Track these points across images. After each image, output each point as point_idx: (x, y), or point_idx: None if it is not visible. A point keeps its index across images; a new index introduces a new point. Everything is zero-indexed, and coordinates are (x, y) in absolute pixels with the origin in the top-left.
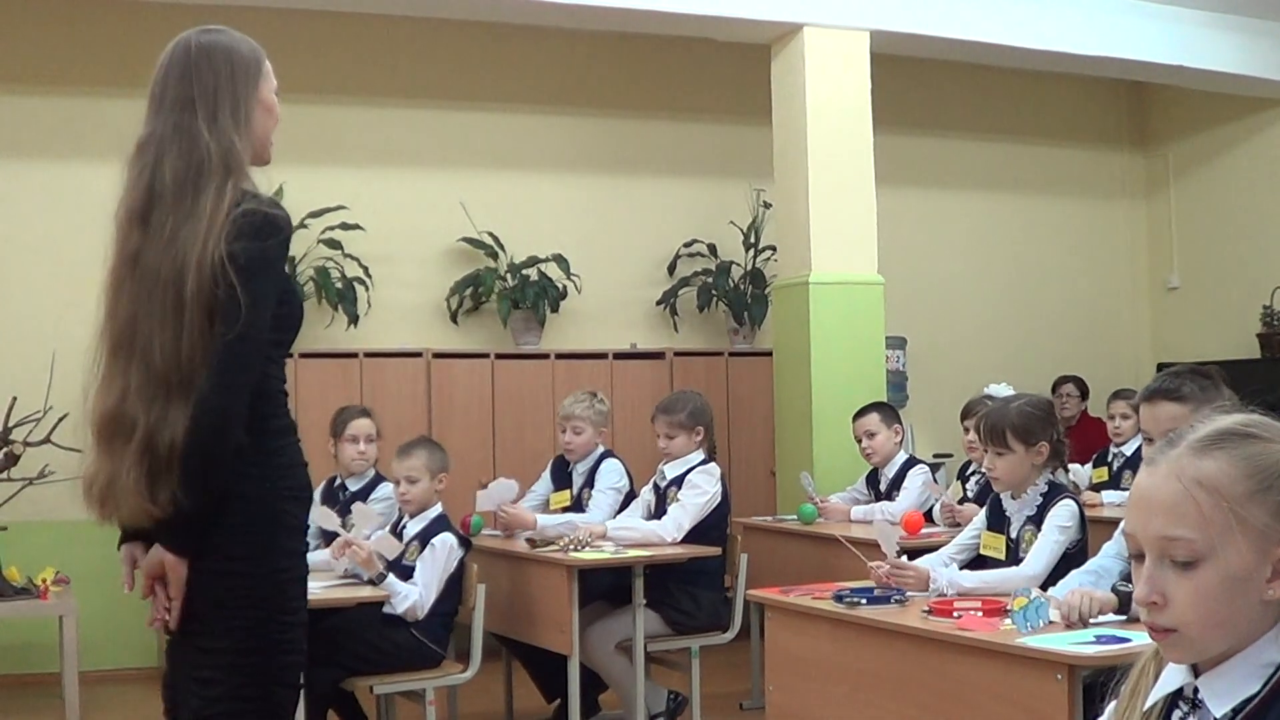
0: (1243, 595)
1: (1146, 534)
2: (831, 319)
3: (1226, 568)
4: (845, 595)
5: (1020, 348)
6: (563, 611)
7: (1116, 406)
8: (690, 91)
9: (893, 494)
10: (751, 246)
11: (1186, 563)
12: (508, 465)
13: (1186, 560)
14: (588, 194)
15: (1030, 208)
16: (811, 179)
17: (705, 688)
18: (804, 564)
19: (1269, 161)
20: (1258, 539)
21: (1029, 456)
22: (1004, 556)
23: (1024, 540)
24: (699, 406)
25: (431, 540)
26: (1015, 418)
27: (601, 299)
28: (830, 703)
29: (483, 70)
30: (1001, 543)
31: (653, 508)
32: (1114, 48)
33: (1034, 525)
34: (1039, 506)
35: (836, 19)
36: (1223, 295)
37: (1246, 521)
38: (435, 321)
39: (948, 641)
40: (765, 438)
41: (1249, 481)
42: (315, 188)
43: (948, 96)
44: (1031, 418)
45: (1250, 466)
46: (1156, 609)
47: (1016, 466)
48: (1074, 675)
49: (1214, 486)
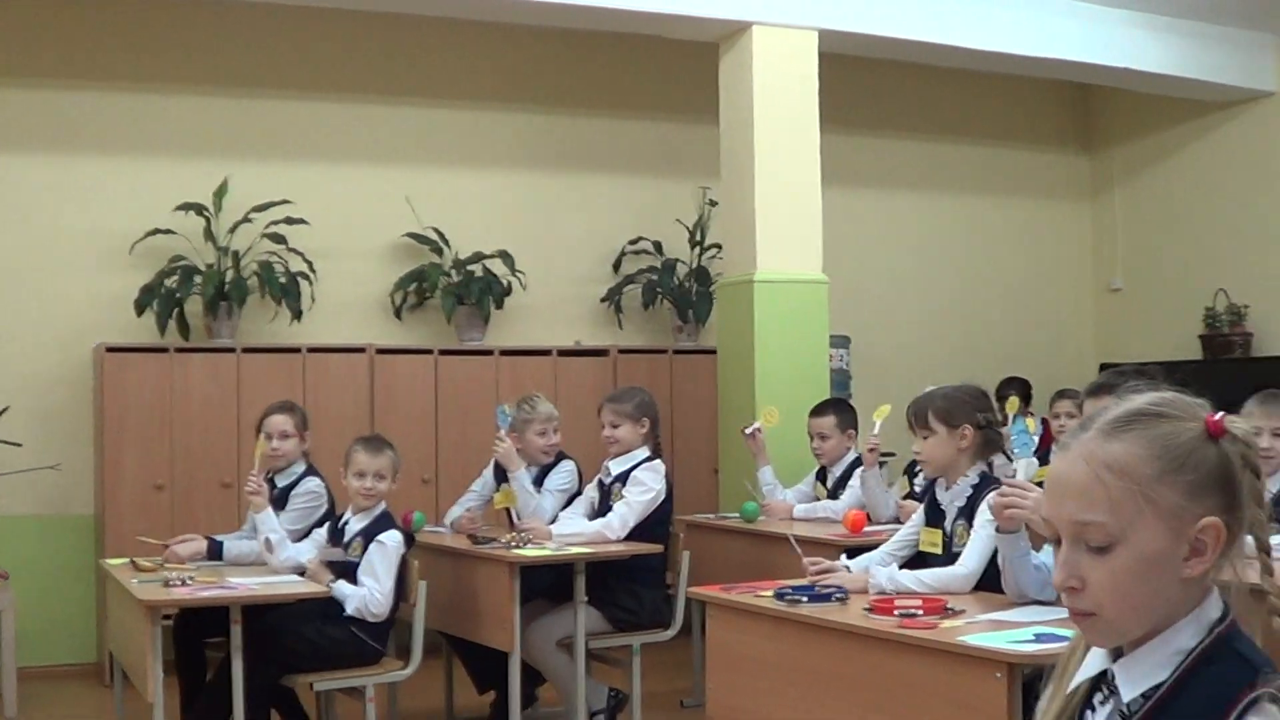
0: (1160, 576)
1: (1061, 518)
2: (776, 317)
3: (1140, 549)
4: (786, 593)
5: (964, 347)
6: (504, 608)
7: (1060, 406)
8: (637, 89)
9: (838, 492)
10: (697, 244)
11: (1101, 546)
12: (450, 461)
13: (1101, 544)
14: (533, 191)
15: (975, 208)
16: (757, 177)
17: (646, 685)
18: (746, 562)
19: (1212, 164)
20: (1171, 519)
21: (953, 439)
22: (941, 551)
23: (957, 534)
24: (646, 400)
25: (379, 537)
26: (939, 400)
27: (546, 296)
28: (771, 701)
29: (429, 66)
30: (939, 537)
31: (596, 505)
32: (1061, 50)
33: (966, 519)
34: (969, 498)
35: (784, 18)
36: (1166, 297)
37: (1157, 503)
38: (379, 317)
39: (888, 640)
40: (708, 436)
41: (1158, 462)
42: (260, 182)
43: (895, 96)
44: (955, 401)
45: (1159, 447)
46: (1075, 593)
47: (940, 448)
48: (1013, 673)
49: (1122, 469)
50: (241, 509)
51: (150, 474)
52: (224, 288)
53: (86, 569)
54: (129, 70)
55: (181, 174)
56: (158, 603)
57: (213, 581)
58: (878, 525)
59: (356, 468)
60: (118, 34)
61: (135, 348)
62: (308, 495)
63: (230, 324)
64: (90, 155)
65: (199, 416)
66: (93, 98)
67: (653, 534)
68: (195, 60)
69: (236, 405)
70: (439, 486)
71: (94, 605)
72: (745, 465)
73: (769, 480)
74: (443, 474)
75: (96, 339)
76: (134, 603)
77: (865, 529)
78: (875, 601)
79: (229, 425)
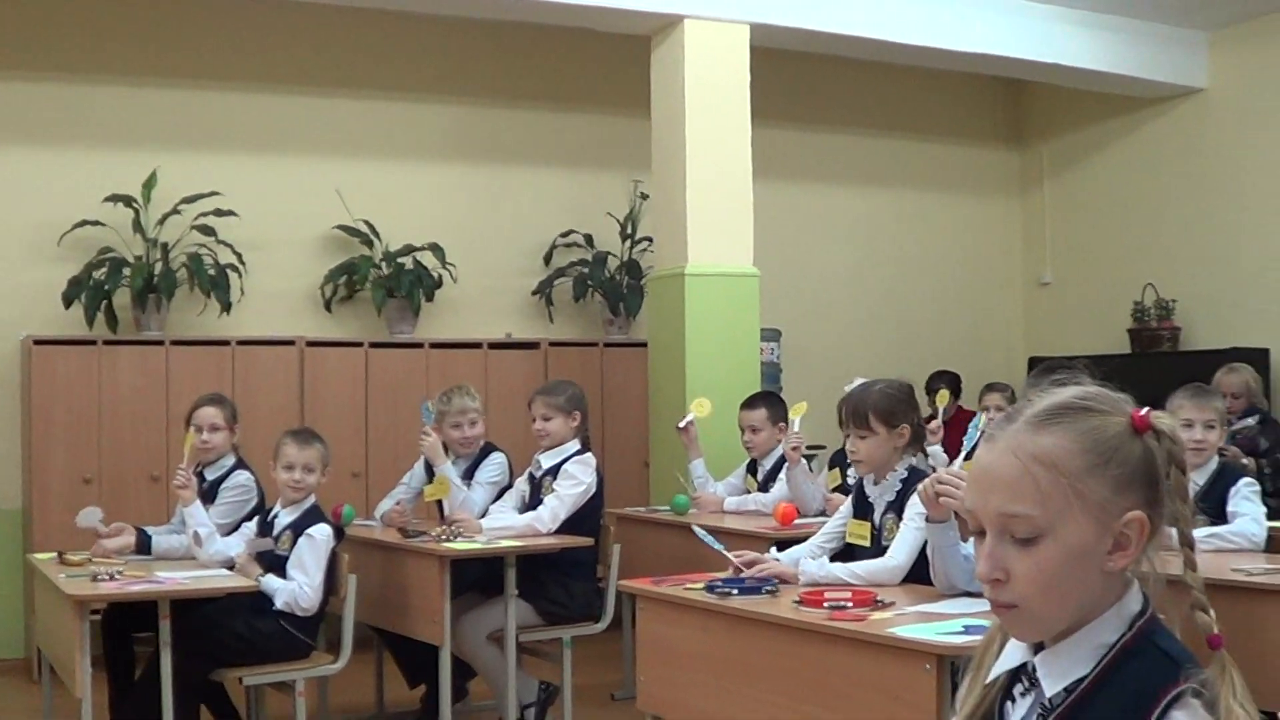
0: (1084, 569)
1: (987, 511)
2: (707, 311)
3: (1067, 543)
4: (717, 586)
5: (895, 341)
6: (434, 602)
7: (990, 399)
8: (569, 82)
9: (769, 485)
10: (628, 237)
11: (1027, 539)
12: (380, 454)
13: (1027, 536)
14: (464, 183)
15: (907, 203)
16: (689, 171)
17: (577, 678)
18: (676, 555)
19: (1142, 160)
20: (1097, 513)
21: (891, 439)
22: (869, 544)
23: (886, 528)
24: (577, 393)
25: (308, 531)
26: (878, 400)
27: (477, 288)
28: (701, 693)
29: (360, 57)
30: (867, 530)
31: (527, 498)
32: (992, 45)
33: (895, 512)
34: (899, 492)
35: (717, 11)
36: (1094, 291)
37: (1085, 496)
38: (309, 309)
39: (818, 632)
40: (639, 429)
41: (1087, 456)
42: (189, 173)
43: (826, 91)
44: (894, 400)
45: (1088, 441)
46: (999, 585)
47: (878, 448)
48: (942, 665)
49: (1052, 462)
50: (170, 502)
51: (78, 467)
52: (153, 280)
53: (14, 563)
54: (57, 60)
55: (110, 165)
56: (86, 597)
57: (141, 576)
58: (808, 518)
59: (285, 460)
60: (45, 24)
61: (63, 340)
62: (237, 489)
63: (159, 316)
64: (17, 146)
65: (127, 409)
66: (20, 88)
67: (583, 527)
68: (124, 51)
69: (165, 398)
70: (369, 480)
71: (21, 600)
72: (676, 458)
73: (700, 473)
74: (373, 467)
75: (24, 331)
76: (62, 597)
77: (795, 521)
78: (805, 594)
79: (158, 418)
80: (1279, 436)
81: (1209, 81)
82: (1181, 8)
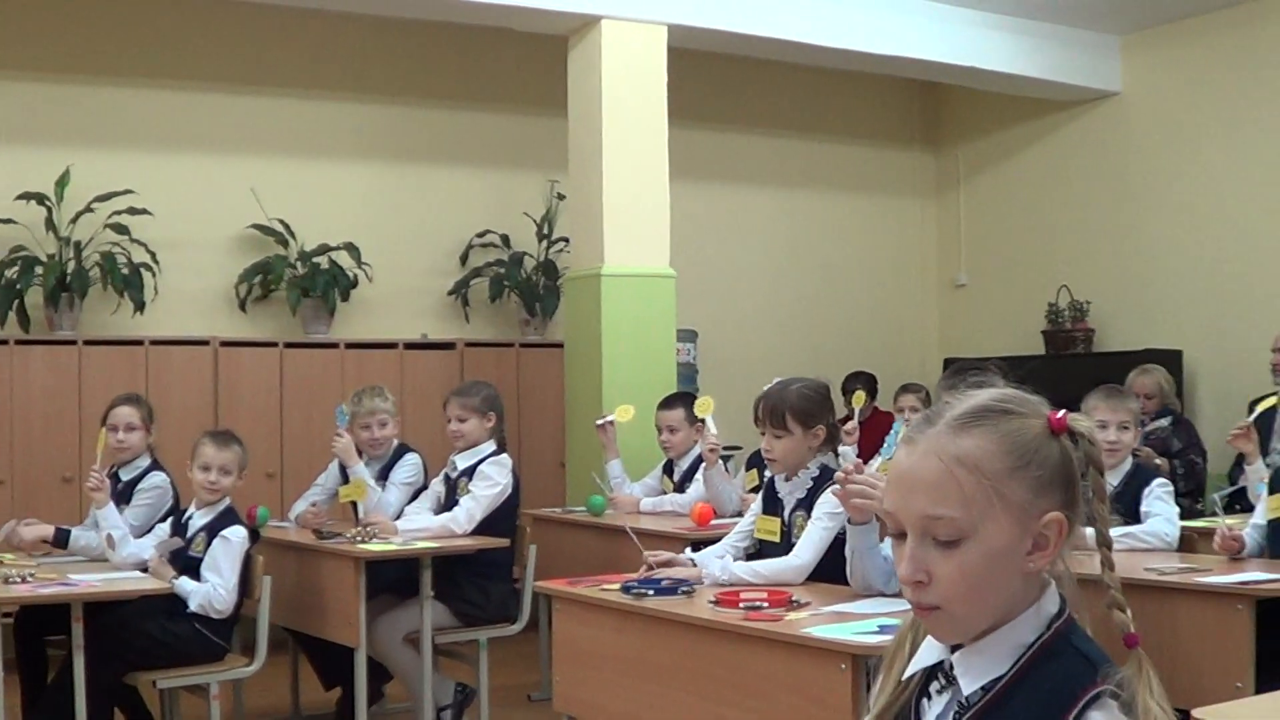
0: (1005, 570)
1: (909, 513)
2: (623, 311)
3: (989, 544)
4: (633, 587)
5: (811, 341)
6: (350, 603)
7: (905, 400)
8: (486, 81)
9: (685, 485)
10: (544, 238)
11: (949, 541)
12: (295, 455)
13: (949, 539)
14: (381, 182)
15: (823, 204)
16: (606, 171)
17: (493, 679)
18: (593, 556)
19: (1057, 162)
20: (1018, 514)
21: (806, 439)
22: (778, 540)
23: (796, 525)
24: (492, 394)
25: (223, 532)
26: (795, 400)
27: (393, 288)
28: (618, 694)
29: (276, 55)
30: (776, 526)
31: (443, 499)
32: (908, 48)
33: (804, 509)
34: (809, 490)
35: (634, 12)
36: (1009, 293)
37: (1007, 498)
38: (223, 309)
39: (734, 632)
40: (555, 429)
41: (1008, 458)
42: (102, 171)
43: (744, 92)
44: (810, 400)
45: (1009, 443)
46: (921, 587)
47: (794, 448)
48: (858, 664)
49: (974, 464)
50: (84, 504)
51: None
52: (65, 279)
53: None
54: None
55: (22, 162)
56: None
57: (54, 578)
58: (724, 519)
59: (202, 460)
60: None
61: None
62: (153, 490)
63: (71, 316)
64: None
65: (39, 410)
66: None
67: (499, 528)
68: (36, 47)
69: (78, 398)
70: (284, 481)
71: None
72: (592, 459)
73: (617, 473)
74: (288, 468)
75: None
76: None
77: (712, 522)
78: (721, 594)
79: (70, 418)
80: (1191, 437)
81: (1123, 85)
82: (1095, 12)
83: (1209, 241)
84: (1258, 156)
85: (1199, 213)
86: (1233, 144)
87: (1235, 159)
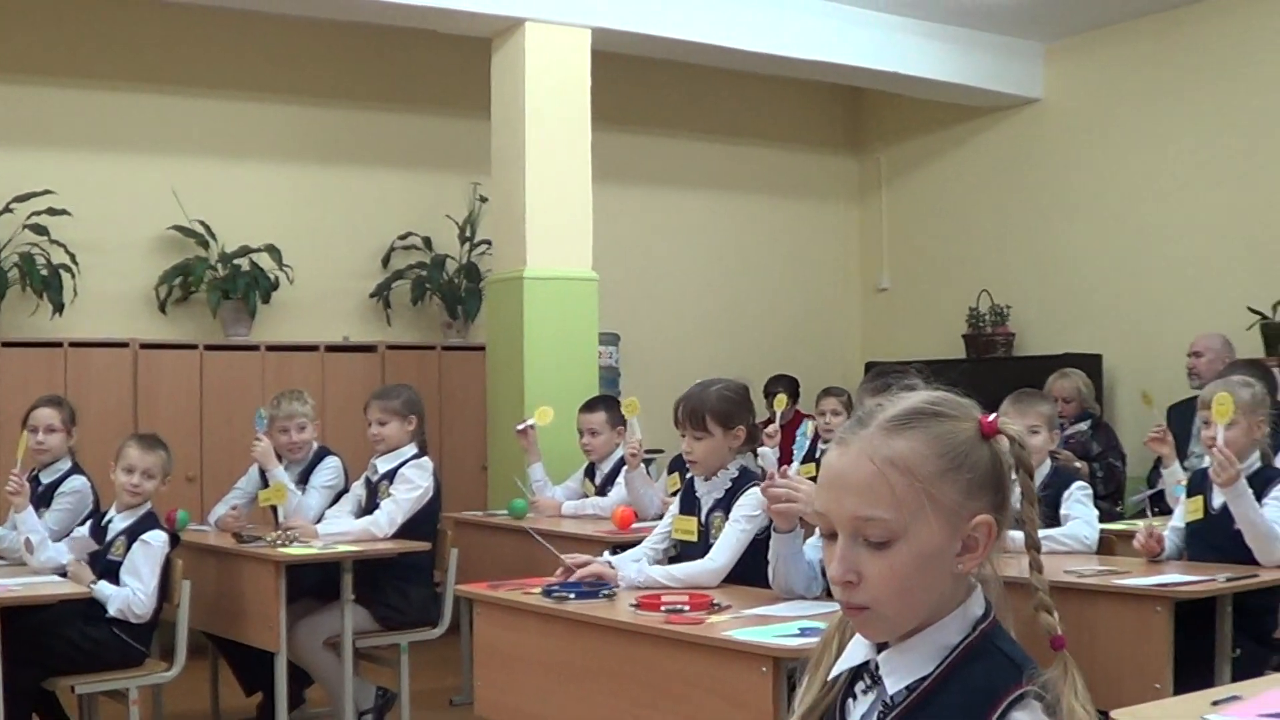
0: (934, 571)
1: (841, 514)
2: (545, 314)
3: (919, 545)
4: (554, 590)
5: (733, 345)
6: (270, 608)
7: (827, 403)
8: (409, 83)
9: (607, 489)
10: (467, 240)
11: (880, 542)
12: (215, 459)
13: (880, 540)
14: (303, 184)
15: (747, 208)
16: (529, 174)
17: (415, 684)
18: (514, 559)
19: (979, 168)
20: (949, 516)
21: (727, 440)
22: (696, 539)
23: (714, 525)
24: (413, 397)
25: (143, 536)
26: (714, 401)
27: (314, 290)
28: (539, 697)
29: (199, 54)
30: (693, 525)
31: (364, 502)
32: (831, 53)
33: (722, 510)
34: (728, 491)
35: (558, 15)
36: (930, 297)
37: (938, 500)
38: (143, 311)
39: (655, 635)
40: (477, 432)
41: (940, 460)
42: (21, 171)
43: (668, 96)
44: (730, 401)
45: (941, 445)
46: (851, 587)
47: (715, 449)
48: (779, 667)
49: (907, 466)
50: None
51: None
52: None
53: None
54: None
55: None
56: None
57: None
58: (646, 522)
59: (126, 463)
60: None
61: None
62: (73, 494)
63: None
64: None
65: None
66: None
67: (420, 532)
68: None
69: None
70: (204, 484)
71: None
72: (514, 462)
73: (539, 477)
74: (208, 472)
75: None
76: None
77: (634, 525)
78: (642, 598)
79: None
80: (1110, 441)
81: (1044, 92)
82: (1018, 20)
83: (1128, 246)
84: (1176, 163)
85: (1119, 218)
86: (1152, 150)
87: (1154, 165)
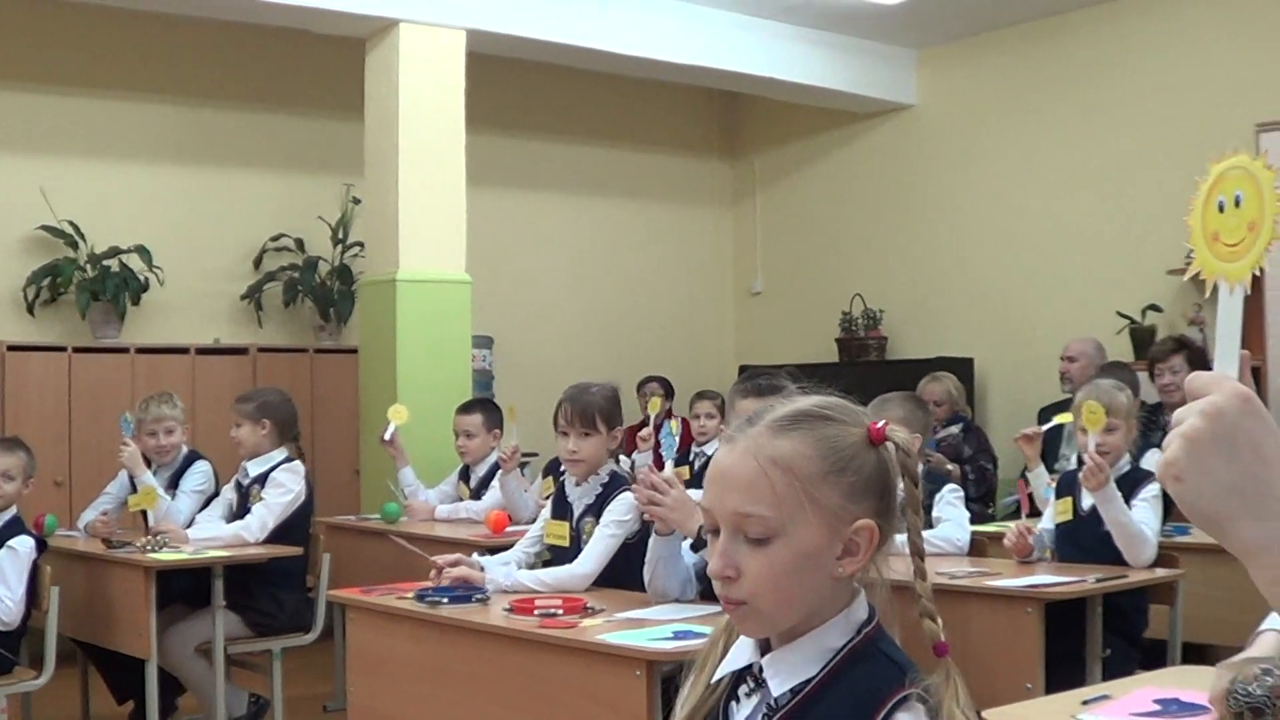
0: (813, 572)
1: (723, 509)
2: (418, 317)
3: (798, 544)
4: (427, 594)
5: (607, 348)
6: (140, 614)
7: (701, 406)
8: (282, 83)
9: (481, 492)
10: (340, 242)
11: (760, 538)
12: (84, 463)
13: (760, 536)
14: (173, 184)
15: (621, 212)
16: (402, 176)
17: (288, 690)
18: (387, 564)
19: (852, 173)
20: (830, 518)
21: (609, 440)
22: (568, 544)
23: (585, 530)
24: (271, 401)
25: (9, 542)
26: (601, 401)
27: (185, 292)
28: (414, 702)
29: (67, 52)
30: (565, 530)
31: (235, 507)
32: (706, 57)
33: (593, 515)
34: (599, 496)
35: (433, 16)
36: (804, 300)
37: (819, 501)
38: (10, 313)
39: (529, 639)
40: (350, 436)
41: (823, 462)
42: None
43: (544, 99)
44: (613, 402)
45: (825, 448)
46: (730, 582)
47: (599, 449)
48: (652, 670)
49: (789, 466)
50: None
51: None
52: None
53: None
54: None
55: None
56: None
57: None
58: (520, 526)
59: None
60: None
61: None
62: None
63: None
64: None
65: None
66: None
67: (292, 536)
68: None
69: None
70: (72, 489)
71: None
72: (386, 466)
73: (410, 481)
74: (76, 476)
75: None
76: None
77: (507, 529)
78: (516, 602)
79: None
80: (982, 443)
81: (918, 98)
82: (892, 27)
83: (999, 251)
84: (1047, 168)
85: (990, 223)
86: (1023, 156)
87: (1025, 170)
